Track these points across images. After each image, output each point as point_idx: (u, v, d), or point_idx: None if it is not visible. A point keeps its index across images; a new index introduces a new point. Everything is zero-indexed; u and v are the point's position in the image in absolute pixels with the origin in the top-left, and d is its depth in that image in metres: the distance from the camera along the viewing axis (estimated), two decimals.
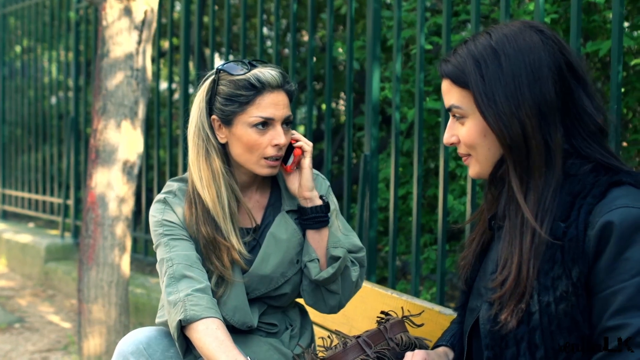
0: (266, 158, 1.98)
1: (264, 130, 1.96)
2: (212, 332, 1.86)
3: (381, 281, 4.32)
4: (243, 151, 1.98)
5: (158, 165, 5.14)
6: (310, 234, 2.05)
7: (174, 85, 5.79)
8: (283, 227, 2.06)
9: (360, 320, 2.44)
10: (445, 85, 1.59)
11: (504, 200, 1.55)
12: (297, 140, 2.05)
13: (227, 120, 1.98)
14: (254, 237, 2.07)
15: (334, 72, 5.45)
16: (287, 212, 2.09)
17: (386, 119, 4.86)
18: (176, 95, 5.99)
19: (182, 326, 1.90)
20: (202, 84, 2.03)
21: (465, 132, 1.57)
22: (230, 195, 2.01)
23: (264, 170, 2.00)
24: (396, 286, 4.03)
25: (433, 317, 2.13)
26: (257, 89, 1.95)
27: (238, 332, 2.09)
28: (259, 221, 2.08)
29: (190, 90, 4.92)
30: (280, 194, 2.12)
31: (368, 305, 2.43)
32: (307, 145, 2.05)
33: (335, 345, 1.84)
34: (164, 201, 2.05)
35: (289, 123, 2.02)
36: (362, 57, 4.22)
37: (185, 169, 4.65)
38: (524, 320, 1.46)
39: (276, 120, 1.97)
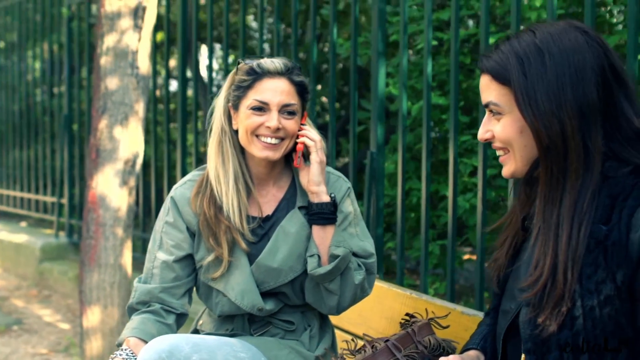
0: (260, 138, 2.04)
1: (261, 114, 2.05)
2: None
3: (386, 275, 4.30)
4: (244, 133, 2.07)
5: (155, 165, 5.08)
6: (316, 230, 2.08)
7: (172, 86, 5.72)
8: (293, 221, 2.10)
9: (378, 320, 2.42)
10: (485, 81, 1.57)
11: (539, 200, 1.53)
12: (303, 136, 2.10)
13: (236, 105, 2.10)
14: (262, 226, 2.11)
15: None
16: (300, 208, 2.12)
17: (387, 115, 4.83)
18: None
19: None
20: (229, 75, 2.15)
21: (501, 129, 1.55)
22: (239, 178, 2.09)
23: (260, 152, 2.06)
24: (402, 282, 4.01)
25: (455, 317, 2.11)
26: (258, 74, 2.06)
27: (258, 335, 2.11)
28: (270, 212, 2.12)
29: (189, 92, 4.86)
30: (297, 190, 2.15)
31: (385, 306, 2.41)
32: (310, 140, 2.09)
33: (363, 349, 1.81)
34: (172, 199, 2.15)
35: (292, 112, 2.07)
36: (363, 52, 4.18)
37: (183, 171, 4.60)
38: (566, 325, 1.45)
39: (272, 105, 2.05)
